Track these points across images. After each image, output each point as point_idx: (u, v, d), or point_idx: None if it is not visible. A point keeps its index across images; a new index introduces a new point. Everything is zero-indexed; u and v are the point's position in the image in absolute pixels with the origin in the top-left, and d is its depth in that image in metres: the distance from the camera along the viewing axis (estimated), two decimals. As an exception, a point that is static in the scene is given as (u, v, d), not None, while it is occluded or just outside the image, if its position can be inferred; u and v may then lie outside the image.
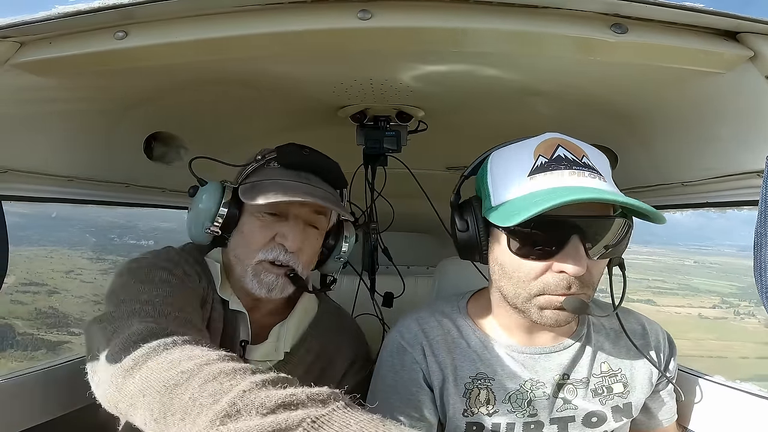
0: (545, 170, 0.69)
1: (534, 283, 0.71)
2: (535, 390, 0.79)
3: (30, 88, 0.75)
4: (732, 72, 0.69)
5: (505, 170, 0.74)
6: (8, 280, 0.83)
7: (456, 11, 0.62)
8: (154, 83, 0.89)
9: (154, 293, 0.72)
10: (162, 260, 0.82)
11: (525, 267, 0.71)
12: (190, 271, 0.85)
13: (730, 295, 42.64)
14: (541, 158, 0.70)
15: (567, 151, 0.70)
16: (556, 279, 0.69)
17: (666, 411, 0.89)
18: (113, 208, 1.21)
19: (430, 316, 0.86)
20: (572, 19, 0.62)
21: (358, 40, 0.67)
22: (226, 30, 0.65)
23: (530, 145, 0.73)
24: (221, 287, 0.88)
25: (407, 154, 1.15)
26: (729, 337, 36.29)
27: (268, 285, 0.84)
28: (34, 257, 34.58)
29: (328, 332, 0.94)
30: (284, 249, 0.84)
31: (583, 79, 0.85)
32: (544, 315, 0.72)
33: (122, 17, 0.64)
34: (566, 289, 0.69)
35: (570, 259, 0.67)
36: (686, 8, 0.60)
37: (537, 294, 0.71)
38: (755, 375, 30.70)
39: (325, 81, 0.92)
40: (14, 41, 0.68)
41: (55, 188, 0.99)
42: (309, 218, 0.87)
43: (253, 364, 0.85)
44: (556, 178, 0.68)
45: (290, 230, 0.84)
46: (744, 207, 0.93)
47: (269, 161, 0.89)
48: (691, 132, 0.89)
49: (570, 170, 0.68)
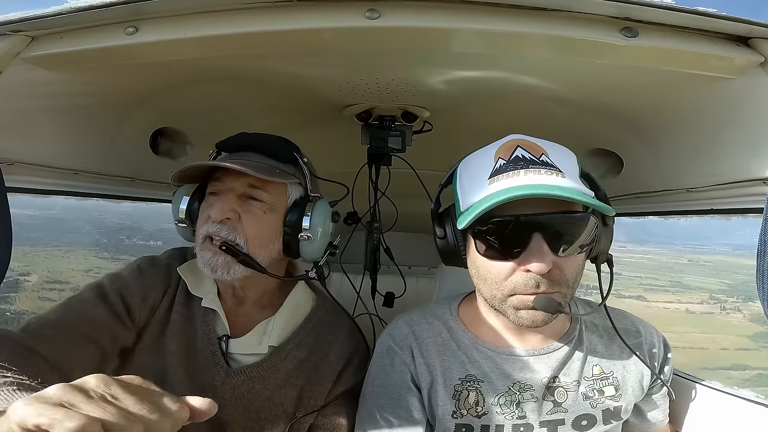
0: (504, 171, 0.70)
1: (505, 284, 0.72)
2: (523, 392, 0.79)
3: (40, 82, 0.76)
4: (742, 77, 0.68)
5: (469, 176, 0.76)
6: (33, 279, 0.86)
7: (464, 12, 0.62)
8: (163, 79, 0.89)
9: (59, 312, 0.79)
10: (119, 275, 0.88)
11: (494, 268, 0.72)
12: (152, 281, 0.88)
13: (719, 292, 44.10)
14: (500, 160, 0.72)
15: (525, 150, 0.72)
16: (525, 278, 0.70)
17: (659, 413, 0.90)
18: (119, 203, 1.22)
19: (421, 318, 0.88)
20: (582, 23, 0.62)
21: (365, 39, 0.67)
22: (235, 27, 0.65)
23: (492, 148, 0.75)
24: (197, 285, 0.89)
25: (412, 155, 1.15)
26: (713, 330, 37.95)
27: (209, 263, 0.81)
28: (51, 257, 35.99)
29: (323, 328, 0.93)
30: (214, 222, 0.82)
31: (591, 82, 0.84)
32: (520, 315, 0.72)
33: (133, 13, 0.65)
34: (535, 288, 0.70)
35: (533, 257, 0.68)
36: (697, 12, 0.59)
37: (509, 294, 0.72)
38: (732, 364, 32.58)
39: (331, 80, 0.92)
40: (26, 35, 0.68)
41: (61, 181, 1.00)
42: (246, 191, 0.84)
43: (236, 357, 0.87)
44: (512, 179, 0.69)
45: (216, 202, 0.83)
46: (749, 214, 0.92)
47: (218, 151, 0.90)
48: (698, 138, 0.89)
49: (526, 169, 0.69)
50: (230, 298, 0.91)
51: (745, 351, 36.46)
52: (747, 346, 37.36)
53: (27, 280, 30.23)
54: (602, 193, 0.77)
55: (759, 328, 39.19)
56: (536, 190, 0.64)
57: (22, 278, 30.13)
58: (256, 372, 0.86)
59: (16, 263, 29.93)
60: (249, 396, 0.86)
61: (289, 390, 0.87)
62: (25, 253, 36.48)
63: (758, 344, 37.67)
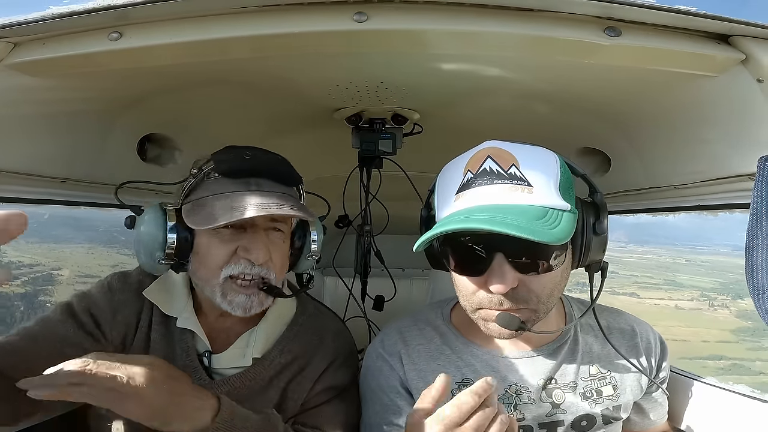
0: (469, 187, 0.69)
1: (473, 298, 0.72)
2: (520, 394, 0.79)
3: (23, 88, 0.75)
4: (724, 75, 0.69)
5: (442, 188, 0.75)
6: (65, 273, 0.86)
7: (451, 14, 0.63)
8: (149, 85, 0.88)
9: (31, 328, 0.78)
10: (91, 294, 0.86)
11: (463, 282, 0.73)
12: (123, 297, 0.85)
13: (711, 290, 46.03)
14: (468, 174, 0.70)
15: (494, 162, 0.69)
16: (488, 296, 0.70)
17: (659, 410, 0.90)
18: (109, 210, 1.20)
19: (412, 324, 0.88)
20: (566, 23, 0.63)
21: (353, 42, 0.68)
22: (222, 32, 0.65)
23: (464, 159, 0.73)
24: (169, 305, 0.86)
25: (402, 157, 1.15)
26: (698, 324, 39.95)
27: (241, 305, 0.79)
28: (76, 253, 37.20)
29: (307, 333, 0.92)
30: (250, 263, 0.78)
31: (577, 82, 0.85)
32: (489, 327, 0.73)
33: (117, 18, 0.64)
34: (499, 305, 0.70)
35: (495, 278, 0.67)
36: (679, 11, 0.60)
37: (477, 308, 0.73)
38: (710, 355, 34.90)
39: (320, 83, 0.92)
40: (8, 42, 0.67)
41: (48, 190, 0.98)
42: (269, 224, 0.81)
43: (220, 371, 0.85)
44: (474, 197, 0.68)
45: (252, 242, 0.78)
46: (736, 210, 0.93)
47: (208, 173, 0.80)
48: (683, 135, 0.90)
49: (491, 185, 0.67)
50: (214, 314, 0.87)
51: (725, 343, 38.25)
52: (727, 339, 39.14)
53: (60, 275, 31.49)
54: (599, 195, 0.74)
55: (742, 323, 40.91)
56: (488, 225, 0.62)
57: (55, 273, 31.42)
58: (239, 382, 0.85)
59: (45, 259, 29.23)
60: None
61: (272, 392, 0.86)
62: (51, 249, 37.89)
63: (738, 337, 39.37)
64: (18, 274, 32.92)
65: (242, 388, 0.85)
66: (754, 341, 38.60)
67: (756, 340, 38.39)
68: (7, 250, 43.10)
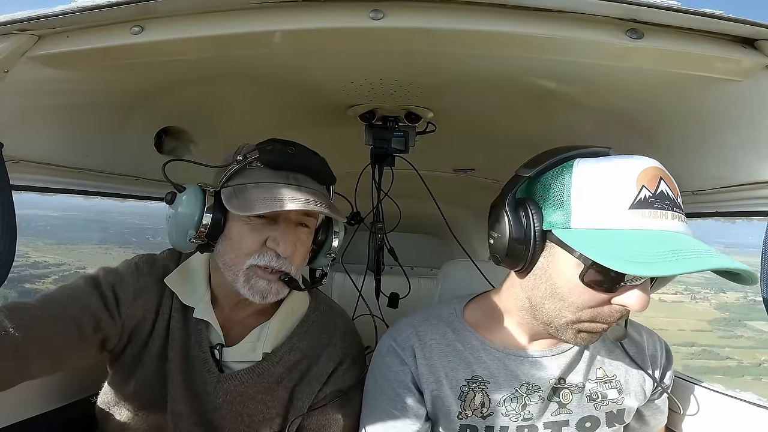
0: (650, 206, 0.62)
1: (587, 311, 0.68)
2: (530, 394, 0.79)
3: (46, 80, 0.76)
4: (749, 79, 0.68)
5: (598, 190, 0.65)
6: (90, 271, 0.88)
7: (468, 13, 0.62)
8: (168, 78, 0.89)
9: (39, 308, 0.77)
10: (107, 276, 0.86)
11: (586, 295, 0.67)
12: (147, 280, 0.87)
13: (696, 285, 46.73)
14: (645, 190, 0.63)
15: (668, 187, 0.64)
16: (612, 310, 0.68)
17: (659, 417, 0.90)
18: (124, 201, 1.22)
19: (425, 320, 0.87)
20: (587, 24, 0.62)
21: (369, 39, 0.67)
22: (240, 27, 0.65)
23: (630, 168, 0.64)
24: (188, 294, 0.87)
25: (415, 155, 1.15)
26: (677, 315, 41.53)
27: (261, 291, 0.80)
28: (95, 254, 38.86)
29: (316, 331, 0.92)
30: (276, 254, 0.80)
31: (596, 85, 0.84)
32: (580, 337, 0.72)
33: (139, 12, 0.65)
34: (617, 320, 0.70)
35: (635, 297, 0.66)
36: (704, 14, 0.59)
37: (587, 320, 0.70)
38: (684, 342, 36.64)
39: (335, 80, 0.92)
40: (32, 34, 0.69)
41: (66, 179, 1.01)
42: (299, 219, 0.83)
43: (230, 365, 0.86)
44: (659, 221, 0.62)
45: (282, 235, 0.80)
46: (753, 217, 0.91)
47: (251, 161, 0.81)
48: (704, 140, 0.88)
49: (672, 211, 0.63)
50: (231, 306, 0.89)
51: (700, 332, 39.90)
52: (702, 328, 40.71)
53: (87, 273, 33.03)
54: None
55: (719, 314, 42.40)
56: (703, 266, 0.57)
57: (81, 271, 31.82)
58: (248, 377, 0.86)
59: (68, 258, 30.66)
60: (241, 400, 0.86)
61: (281, 392, 0.87)
62: (70, 250, 39.32)
63: (713, 327, 40.96)
64: (47, 272, 34.24)
65: (250, 383, 0.86)
66: (726, 330, 40.36)
67: (729, 329, 40.24)
68: (29, 251, 44.40)
